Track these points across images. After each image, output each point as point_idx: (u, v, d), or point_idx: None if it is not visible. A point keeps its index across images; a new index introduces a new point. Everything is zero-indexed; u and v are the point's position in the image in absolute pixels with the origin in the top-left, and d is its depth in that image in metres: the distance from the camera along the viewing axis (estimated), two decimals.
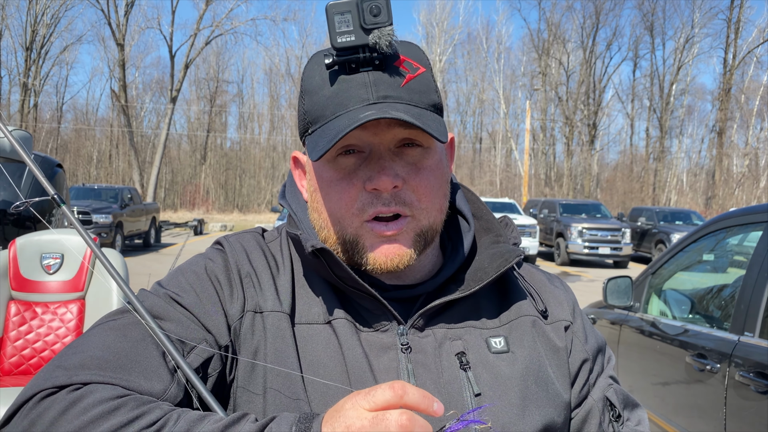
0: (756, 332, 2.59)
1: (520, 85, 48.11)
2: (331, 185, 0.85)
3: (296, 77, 46.79)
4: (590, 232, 17.52)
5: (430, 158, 0.86)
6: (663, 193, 43.04)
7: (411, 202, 0.84)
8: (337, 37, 0.79)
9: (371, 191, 0.83)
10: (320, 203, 0.88)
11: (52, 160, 6.37)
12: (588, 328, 1.00)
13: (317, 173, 0.87)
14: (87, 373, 0.71)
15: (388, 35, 0.79)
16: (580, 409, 0.94)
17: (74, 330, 3.44)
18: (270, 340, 0.83)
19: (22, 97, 37.42)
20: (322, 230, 0.89)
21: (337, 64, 0.81)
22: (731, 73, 39.34)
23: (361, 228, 0.84)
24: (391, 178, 0.81)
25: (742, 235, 3.29)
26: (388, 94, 0.81)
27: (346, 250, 0.87)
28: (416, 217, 0.85)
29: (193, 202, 42.57)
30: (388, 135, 0.82)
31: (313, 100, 0.84)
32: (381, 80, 0.81)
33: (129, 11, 34.90)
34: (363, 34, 0.79)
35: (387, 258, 0.84)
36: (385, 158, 0.82)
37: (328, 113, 0.82)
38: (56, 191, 0.93)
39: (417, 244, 0.86)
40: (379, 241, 0.84)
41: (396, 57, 0.83)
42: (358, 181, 0.83)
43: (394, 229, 0.84)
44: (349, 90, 0.81)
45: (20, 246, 3.56)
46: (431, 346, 0.86)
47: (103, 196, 17.10)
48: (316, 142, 0.82)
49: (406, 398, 0.60)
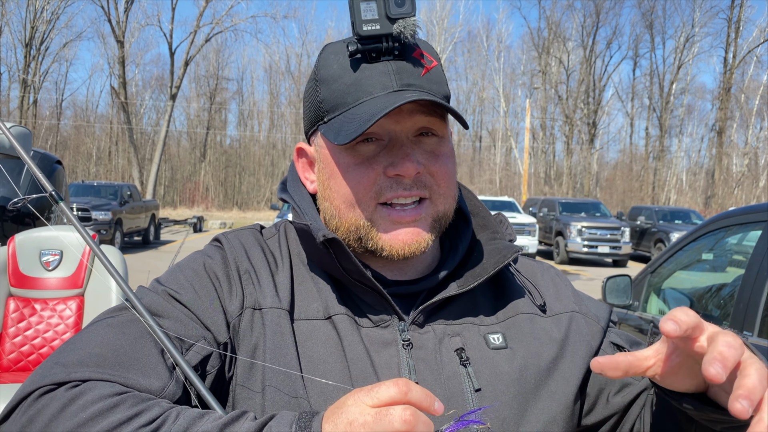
0: (755, 331, 2.59)
1: (520, 83, 48.18)
2: (349, 170, 0.85)
3: (296, 75, 46.77)
4: (590, 230, 17.53)
5: (445, 146, 0.88)
6: (662, 192, 43.07)
7: (430, 186, 0.86)
8: (363, 25, 0.80)
9: (393, 176, 0.84)
10: (334, 190, 0.88)
11: (51, 157, 6.37)
12: (592, 306, 1.00)
13: (335, 159, 0.87)
14: (85, 370, 0.71)
15: (413, 25, 0.80)
16: (626, 392, 0.93)
17: (73, 327, 3.44)
18: (269, 337, 0.83)
19: (22, 93, 37.39)
20: (333, 218, 0.89)
21: (360, 52, 0.82)
22: (731, 72, 39.34)
23: (375, 212, 0.85)
24: (414, 164, 0.82)
25: (742, 234, 3.29)
26: (411, 83, 0.83)
27: (358, 237, 0.87)
28: (434, 201, 0.87)
29: (192, 199, 42.58)
30: (409, 122, 0.84)
31: (332, 88, 0.85)
32: (403, 69, 0.83)
33: (129, 8, 34.89)
34: (388, 23, 0.80)
35: (404, 243, 0.85)
36: (407, 145, 0.84)
37: (350, 100, 0.83)
38: (54, 188, 0.93)
39: (434, 228, 0.87)
40: (396, 226, 0.85)
41: (414, 49, 0.84)
42: (378, 166, 0.84)
43: (413, 214, 0.85)
44: (372, 77, 0.82)
45: (19, 242, 3.56)
46: (431, 342, 0.86)
47: (103, 193, 17.10)
48: (340, 128, 0.82)
49: (410, 395, 0.60)
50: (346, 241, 0.88)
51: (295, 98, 46.09)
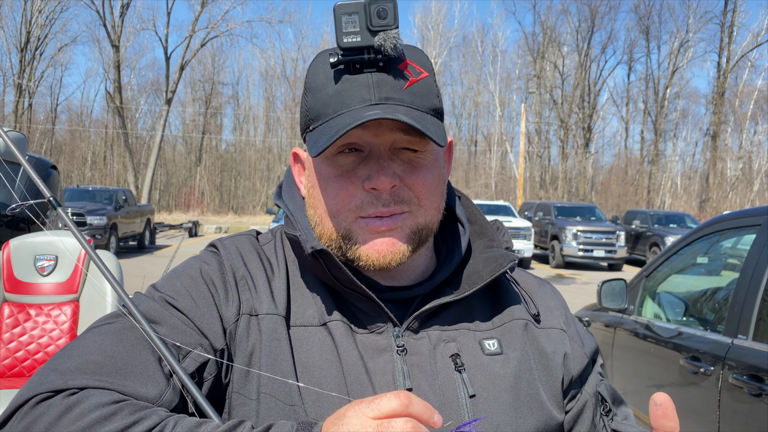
0: (749, 335, 2.59)
1: (515, 88, 48.28)
2: (329, 182, 0.85)
3: (292, 79, 46.78)
4: (585, 234, 17.56)
5: (426, 158, 0.87)
6: (657, 196, 43.18)
7: (409, 199, 0.85)
8: (344, 37, 0.80)
9: (369, 191, 0.83)
10: (317, 199, 0.88)
11: (46, 162, 6.35)
12: (581, 331, 1.01)
13: (316, 170, 0.88)
14: (83, 377, 0.71)
15: (393, 38, 0.80)
16: (574, 403, 0.94)
17: (68, 332, 3.42)
18: (265, 343, 0.83)
19: (17, 98, 37.26)
20: (317, 226, 0.89)
21: (341, 64, 0.82)
22: (725, 77, 39.54)
23: (354, 223, 0.85)
24: (389, 177, 0.82)
25: (736, 238, 3.30)
26: (390, 96, 0.82)
27: (339, 246, 0.87)
28: (413, 213, 0.86)
29: (188, 203, 42.46)
30: (389, 137, 0.83)
31: (316, 97, 0.85)
32: (384, 82, 0.82)
33: (124, 12, 34.86)
34: (369, 35, 0.80)
35: (380, 254, 0.84)
36: (384, 158, 0.83)
37: (330, 111, 0.83)
38: (51, 193, 0.93)
39: (412, 240, 0.86)
40: (373, 236, 0.85)
41: (400, 60, 0.84)
42: (357, 180, 0.84)
43: (388, 224, 0.84)
44: (351, 89, 0.82)
45: (14, 247, 3.54)
46: (426, 348, 0.86)
47: (98, 198, 17.04)
48: (317, 139, 0.83)
49: (411, 408, 0.60)
50: (331, 248, 0.88)
51: (291, 103, 46.08)
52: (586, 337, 1.00)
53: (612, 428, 0.94)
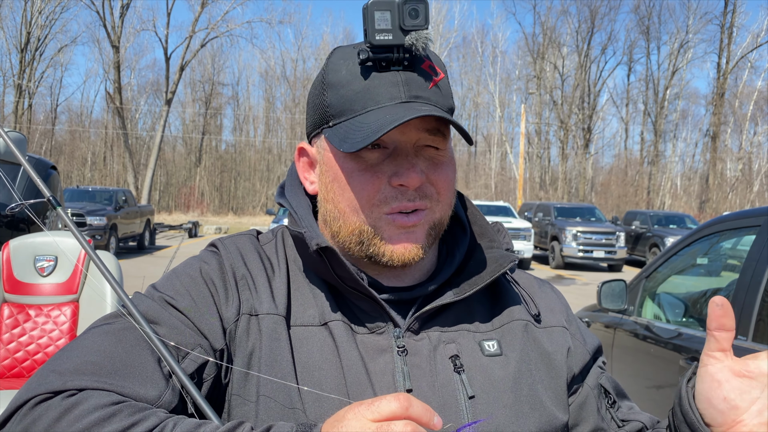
0: (749, 336, 2.60)
1: (515, 88, 48.32)
2: (353, 176, 0.85)
3: (292, 80, 46.80)
4: (585, 235, 17.56)
5: (445, 156, 0.88)
6: (657, 197, 43.19)
7: (431, 195, 0.86)
8: (376, 34, 0.81)
9: (397, 186, 0.84)
10: (338, 193, 0.87)
11: (46, 162, 6.34)
12: (583, 329, 1.02)
13: (339, 164, 0.87)
14: (82, 378, 0.71)
15: (425, 38, 0.81)
16: (576, 396, 0.95)
17: (68, 333, 3.42)
18: (265, 343, 0.82)
19: (17, 98, 37.28)
20: (336, 220, 0.89)
21: (371, 60, 0.83)
22: (725, 77, 39.56)
23: (380, 219, 0.85)
24: (418, 174, 0.83)
25: (736, 238, 3.30)
26: (419, 95, 0.83)
27: (361, 241, 0.87)
28: (433, 210, 0.87)
29: (187, 204, 42.46)
30: (414, 135, 0.84)
31: (340, 93, 0.85)
32: (412, 80, 0.83)
33: (124, 13, 34.87)
34: (401, 34, 0.81)
35: (406, 250, 0.85)
36: (411, 155, 0.84)
37: (358, 107, 0.83)
38: (52, 193, 0.93)
39: (430, 236, 0.87)
40: (399, 232, 0.85)
41: (423, 60, 0.85)
42: (383, 175, 0.84)
43: (414, 220, 0.85)
44: (380, 86, 0.83)
45: (14, 248, 3.54)
46: (426, 349, 0.86)
47: (98, 198, 17.04)
48: (346, 135, 0.82)
49: (411, 410, 0.60)
50: (347, 244, 0.88)
51: (291, 103, 46.10)
52: (588, 335, 1.01)
53: (620, 418, 0.95)
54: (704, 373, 0.76)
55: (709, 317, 0.75)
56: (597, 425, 0.94)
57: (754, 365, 0.73)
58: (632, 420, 0.95)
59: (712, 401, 0.75)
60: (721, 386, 0.74)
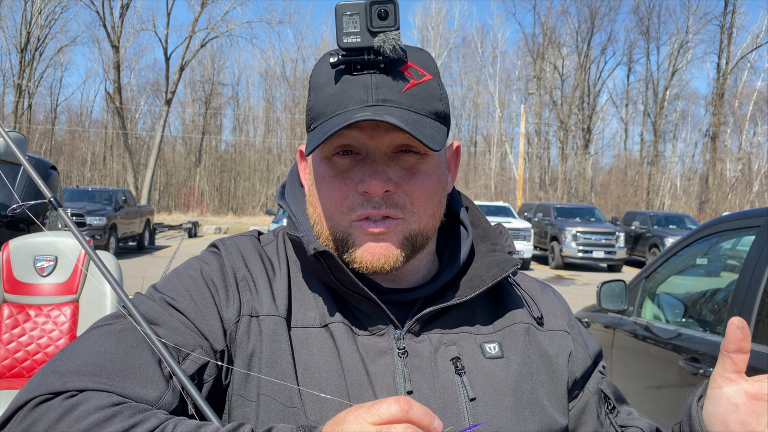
0: None
1: (515, 88, 48.33)
2: (324, 182, 0.86)
3: (291, 80, 46.79)
4: (584, 235, 17.56)
5: (426, 164, 0.86)
6: (657, 197, 43.19)
7: (404, 205, 0.84)
8: (344, 37, 0.79)
9: (362, 193, 0.83)
10: (315, 198, 0.88)
11: (46, 162, 6.34)
12: (585, 334, 1.01)
13: (314, 169, 0.88)
14: (82, 379, 0.70)
15: (393, 39, 0.79)
16: (576, 402, 0.95)
17: (67, 333, 3.42)
18: (266, 345, 0.82)
19: (16, 98, 37.26)
20: (316, 225, 0.89)
21: (342, 64, 0.82)
22: (725, 78, 39.56)
23: (350, 227, 0.85)
24: (381, 182, 0.81)
25: (735, 239, 3.30)
26: (388, 98, 0.81)
27: (337, 247, 0.87)
28: (407, 220, 0.85)
29: (187, 204, 42.45)
30: (386, 139, 0.83)
31: (318, 96, 0.85)
32: (383, 83, 0.81)
33: (124, 13, 34.85)
34: (369, 36, 0.79)
35: (373, 257, 0.84)
36: (379, 162, 0.83)
37: (328, 111, 0.83)
38: (52, 194, 0.93)
39: (405, 246, 0.85)
40: (368, 239, 0.84)
41: (402, 62, 0.83)
42: (351, 182, 0.84)
43: (381, 227, 0.83)
44: (349, 90, 0.82)
45: (13, 248, 3.54)
46: (427, 351, 0.86)
47: (97, 198, 17.03)
48: (312, 138, 0.82)
49: (411, 414, 0.60)
50: (329, 246, 0.88)
51: (291, 103, 46.09)
52: (589, 340, 1.01)
53: (619, 424, 0.95)
54: (719, 395, 0.75)
55: (728, 338, 0.74)
56: (596, 431, 0.94)
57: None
58: (631, 426, 0.95)
59: (728, 425, 0.74)
60: (738, 410, 0.73)
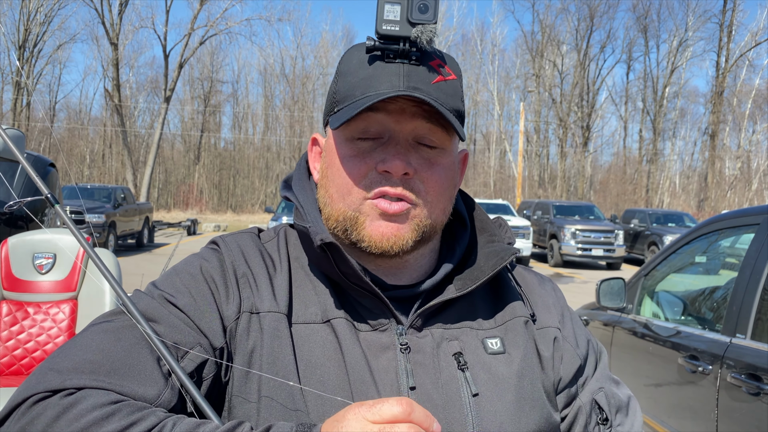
0: (748, 334, 2.60)
1: (514, 86, 48.28)
2: (344, 161, 0.86)
3: (291, 77, 46.75)
4: (583, 233, 17.57)
5: (443, 158, 0.88)
6: (656, 195, 43.22)
7: (419, 192, 0.85)
8: (383, 24, 0.82)
9: (382, 173, 0.84)
10: (329, 179, 0.89)
11: (44, 159, 6.33)
12: (578, 331, 1.00)
13: (336, 150, 0.88)
14: (80, 377, 0.70)
15: (430, 32, 0.82)
16: (569, 410, 0.94)
17: (66, 330, 3.42)
18: (267, 341, 0.82)
19: (15, 95, 37.21)
20: (326, 206, 0.90)
21: (377, 50, 0.84)
22: (724, 76, 39.58)
23: (363, 204, 0.85)
24: (404, 163, 0.83)
25: (734, 237, 3.30)
26: (418, 87, 0.83)
27: (345, 228, 0.87)
28: (420, 208, 0.86)
29: (186, 202, 42.43)
30: (410, 125, 0.84)
31: (346, 80, 0.87)
32: (414, 73, 0.84)
33: (123, 10, 34.76)
34: (407, 26, 0.82)
35: (383, 236, 0.85)
36: (402, 145, 0.85)
37: (358, 93, 0.85)
38: (50, 191, 0.93)
39: (415, 232, 0.86)
40: (380, 217, 0.85)
41: (433, 58, 0.85)
42: (371, 161, 0.85)
43: (396, 208, 0.84)
44: (381, 76, 0.84)
45: (12, 246, 3.53)
46: (429, 346, 0.86)
47: (96, 196, 17.01)
48: (340, 117, 0.84)
49: (413, 415, 0.60)
50: (335, 232, 0.88)
51: (290, 101, 46.05)
52: (580, 338, 0.99)
53: None
54: None
55: None
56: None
57: None
58: None
59: None
60: None
